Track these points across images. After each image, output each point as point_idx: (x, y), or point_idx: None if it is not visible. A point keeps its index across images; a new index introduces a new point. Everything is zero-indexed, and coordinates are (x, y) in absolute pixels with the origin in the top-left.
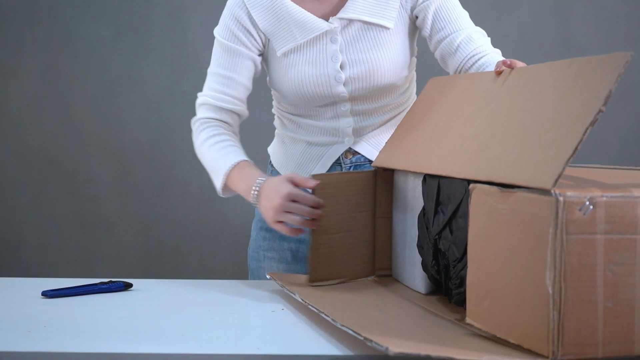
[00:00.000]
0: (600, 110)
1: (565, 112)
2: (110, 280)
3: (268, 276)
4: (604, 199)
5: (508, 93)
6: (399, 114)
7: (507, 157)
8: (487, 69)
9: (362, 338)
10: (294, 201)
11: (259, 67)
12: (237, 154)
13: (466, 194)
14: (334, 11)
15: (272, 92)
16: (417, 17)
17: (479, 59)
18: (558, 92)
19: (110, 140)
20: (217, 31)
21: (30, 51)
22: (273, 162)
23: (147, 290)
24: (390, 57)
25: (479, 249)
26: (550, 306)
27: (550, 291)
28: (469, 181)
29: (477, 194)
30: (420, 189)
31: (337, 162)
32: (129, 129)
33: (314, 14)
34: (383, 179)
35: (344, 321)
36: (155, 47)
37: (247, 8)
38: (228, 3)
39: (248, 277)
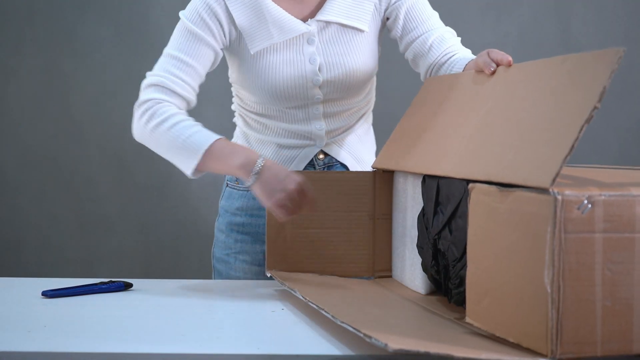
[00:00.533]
0: (595, 107)
1: (561, 110)
2: (110, 280)
3: (268, 274)
4: (602, 197)
5: (504, 92)
6: (362, 115)
7: (505, 157)
8: (457, 66)
9: (361, 334)
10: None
11: (218, 61)
12: (210, 132)
13: (465, 194)
14: (313, 13)
15: (235, 89)
16: (387, 19)
17: (449, 57)
18: (553, 89)
19: (110, 140)
20: (183, 13)
21: (30, 51)
22: None
23: (147, 290)
24: (364, 60)
25: (478, 249)
26: (548, 305)
27: (549, 290)
28: (468, 181)
29: (476, 193)
30: (420, 189)
31: (310, 163)
32: (129, 129)
33: (293, 15)
34: (382, 180)
35: (344, 318)
36: (155, 47)
37: (225, 3)
38: None
39: (212, 277)
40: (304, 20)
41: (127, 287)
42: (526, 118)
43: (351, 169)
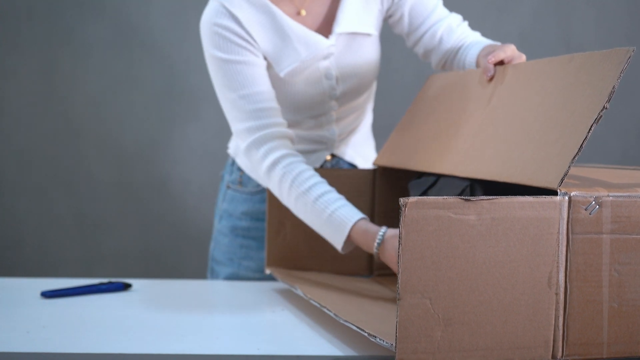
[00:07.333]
0: (604, 107)
1: (568, 109)
2: (110, 281)
3: (268, 271)
4: (610, 198)
5: (508, 90)
6: (364, 113)
7: (510, 156)
8: (472, 51)
9: (366, 334)
10: None
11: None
12: (349, 211)
13: (465, 192)
14: (324, 24)
15: None
16: (390, 17)
17: (461, 45)
18: (560, 88)
19: (110, 140)
20: (210, 50)
21: (29, 51)
22: (242, 166)
23: (147, 290)
24: (374, 64)
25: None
26: (555, 306)
27: (556, 291)
28: (471, 179)
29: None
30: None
31: (321, 165)
32: (129, 129)
33: (310, 29)
34: (383, 178)
35: (346, 317)
36: (155, 47)
37: (242, 25)
38: (208, 19)
39: (207, 277)
40: (321, 32)
41: (126, 287)
42: (531, 117)
43: (360, 167)
